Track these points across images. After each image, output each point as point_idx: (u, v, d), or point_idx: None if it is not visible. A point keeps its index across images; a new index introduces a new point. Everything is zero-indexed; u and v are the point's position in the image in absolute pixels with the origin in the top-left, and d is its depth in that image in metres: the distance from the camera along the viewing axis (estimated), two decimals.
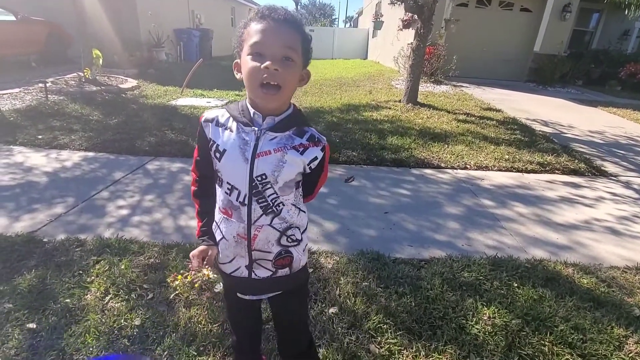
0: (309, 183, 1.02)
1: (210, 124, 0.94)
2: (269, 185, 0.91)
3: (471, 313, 1.74)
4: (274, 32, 0.81)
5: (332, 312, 1.70)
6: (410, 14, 8.34)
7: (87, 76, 5.89)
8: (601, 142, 5.15)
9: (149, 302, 1.68)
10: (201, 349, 1.47)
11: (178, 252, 2.04)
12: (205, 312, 1.64)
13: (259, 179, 0.90)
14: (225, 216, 0.97)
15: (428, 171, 3.61)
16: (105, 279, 1.80)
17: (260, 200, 0.93)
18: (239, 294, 1.07)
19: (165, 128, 4.21)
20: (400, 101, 6.53)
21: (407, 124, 5.10)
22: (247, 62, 0.83)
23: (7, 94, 5.16)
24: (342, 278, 1.93)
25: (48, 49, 7.64)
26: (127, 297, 1.70)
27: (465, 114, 5.95)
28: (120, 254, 1.99)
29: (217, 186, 0.99)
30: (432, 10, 5.99)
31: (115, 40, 7.67)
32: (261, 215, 0.94)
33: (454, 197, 3.08)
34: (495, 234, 2.54)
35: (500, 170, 3.77)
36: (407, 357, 1.50)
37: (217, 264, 1.04)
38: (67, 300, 1.66)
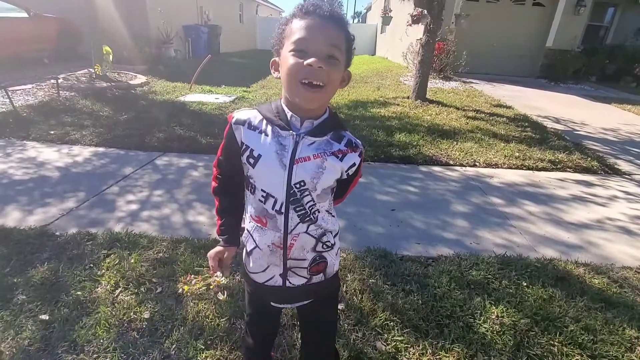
0: (341, 188, 0.99)
1: (241, 126, 0.88)
2: (307, 193, 0.87)
3: (479, 312, 1.73)
4: (319, 29, 0.77)
5: (339, 309, 1.70)
6: (419, 9, 8.23)
7: (97, 72, 5.96)
8: (615, 139, 5.04)
9: (158, 296, 1.71)
10: (209, 342, 1.48)
11: (186, 246, 2.06)
12: (213, 307, 1.65)
13: (298, 186, 0.85)
14: (258, 225, 0.92)
15: (436, 168, 3.57)
16: (115, 272, 1.83)
17: (297, 209, 0.88)
18: (272, 303, 1.03)
19: (173, 124, 4.24)
20: (408, 97, 6.47)
21: (415, 120, 5.05)
22: (287, 59, 0.78)
23: (20, 90, 5.26)
24: (349, 275, 1.93)
25: (59, 45, 7.74)
26: (136, 290, 1.73)
27: (474, 111, 5.87)
28: (130, 248, 2.02)
29: (247, 192, 0.93)
30: (442, 5, 5.90)
31: (125, 37, 7.74)
32: (298, 223, 0.90)
33: (463, 195, 3.05)
34: (505, 233, 2.50)
35: (510, 168, 3.71)
36: (413, 354, 1.50)
37: (247, 273, 1.00)
38: (79, 292, 1.69)
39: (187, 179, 2.99)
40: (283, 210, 0.88)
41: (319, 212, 0.92)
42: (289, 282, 0.97)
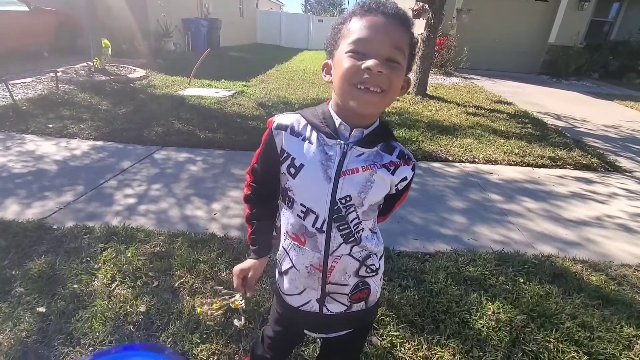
0: (387, 204, 0.89)
1: (283, 132, 0.79)
2: (352, 209, 0.78)
3: (475, 308, 1.73)
4: (382, 29, 0.68)
5: None
6: (421, 4, 8.15)
7: (96, 66, 5.93)
8: (616, 136, 5.01)
9: (154, 290, 1.71)
10: (204, 336, 1.49)
11: (183, 241, 2.06)
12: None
13: (343, 201, 0.77)
14: (296, 243, 0.83)
15: (435, 164, 3.56)
16: (112, 266, 1.83)
17: (341, 227, 0.79)
18: (306, 331, 0.94)
19: (172, 118, 4.22)
20: (408, 93, 6.43)
21: (415, 116, 5.03)
22: (343, 61, 0.69)
23: (19, 83, 5.23)
24: None
25: (59, 39, 7.70)
26: (133, 284, 1.73)
27: (475, 107, 5.84)
28: (127, 241, 2.02)
29: (284, 206, 0.85)
30: (444, 0, 5.85)
31: (124, 30, 7.69)
32: (341, 244, 0.81)
33: (462, 191, 3.04)
34: (503, 229, 2.50)
35: (509, 164, 3.70)
36: (409, 349, 1.50)
37: (280, 294, 0.91)
38: (75, 285, 1.69)
39: (186, 173, 2.98)
40: (325, 228, 0.79)
41: (363, 230, 0.83)
42: (327, 308, 0.87)
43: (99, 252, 1.93)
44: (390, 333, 1.57)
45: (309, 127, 0.79)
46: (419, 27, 8.00)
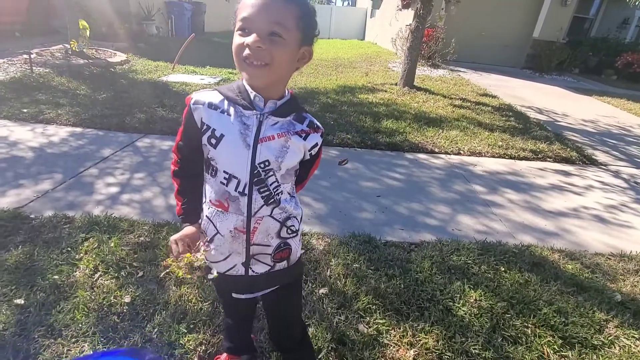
0: (303, 171, 0.98)
1: (201, 106, 0.86)
2: (271, 173, 0.86)
3: (458, 295, 1.78)
4: (263, 6, 0.74)
5: (322, 293, 1.72)
6: None
7: (73, 48, 5.65)
8: (594, 131, 5.19)
9: (139, 280, 1.68)
10: (191, 326, 1.48)
11: (169, 230, 2.02)
12: (196, 291, 1.64)
13: (262, 165, 0.85)
14: (219, 209, 0.90)
15: (422, 156, 3.60)
16: (94, 256, 1.78)
17: (262, 190, 0.87)
18: (234, 294, 1.02)
19: (155, 105, 4.09)
20: (396, 84, 6.44)
21: (402, 107, 5.05)
22: (235, 37, 0.78)
23: None
24: (333, 259, 1.95)
25: (31, 18, 7.28)
26: (116, 274, 1.69)
27: (461, 99, 5.91)
28: (110, 231, 1.97)
29: (207, 176, 0.91)
30: None
31: (103, 11, 7.33)
32: (262, 205, 0.88)
33: (447, 182, 3.09)
34: (485, 220, 2.57)
35: (493, 156, 3.78)
36: (394, 337, 1.54)
37: (208, 264, 0.97)
38: (56, 276, 1.64)
39: (170, 162, 2.91)
40: (247, 191, 0.86)
41: (282, 193, 0.91)
42: (252, 270, 0.95)
43: (80, 242, 1.88)
44: (377, 321, 1.60)
45: (225, 101, 0.85)
46: (408, 18, 7.97)
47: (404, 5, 9.76)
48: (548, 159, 3.86)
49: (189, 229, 0.93)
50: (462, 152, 3.78)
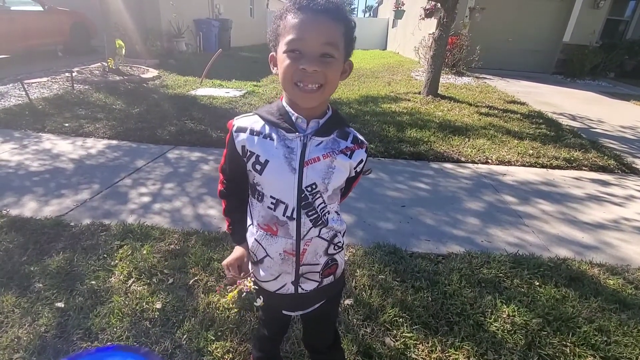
0: (346, 186, 0.96)
1: (242, 133, 0.84)
2: (318, 195, 0.85)
3: (490, 310, 1.71)
4: (312, 27, 0.72)
5: (348, 304, 1.70)
6: (433, 2, 8.08)
7: (110, 66, 6.03)
8: (633, 137, 4.89)
9: (169, 287, 1.73)
10: (219, 333, 1.50)
11: (197, 239, 2.08)
12: (224, 299, 1.67)
13: (309, 189, 0.83)
14: (268, 233, 0.89)
15: (448, 165, 3.53)
16: (128, 263, 1.86)
17: (310, 213, 0.86)
18: (284, 312, 1.02)
19: (185, 118, 4.27)
20: (419, 93, 6.38)
21: (426, 116, 4.99)
22: (283, 60, 0.75)
23: (35, 82, 5.35)
24: (358, 270, 1.93)
25: (73, 39, 7.84)
26: (148, 281, 1.76)
27: (487, 107, 5.77)
28: (142, 239, 2.05)
29: (254, 200, 0.90)
30: None
31: (137, 30, 7.79)
32: (310, 228, 0.88)
33: (474, 192, 3.00)
34: (517, 231, 2.46)
35: (523, 165, 3.64)
36: (422, 351, 1.49)
37: (257, 282, 0.98)
38: (93, 282, 1.72)
39: (198, 173, 3.01)
40: (295, 215, 0.85)
41: (329, 213, 0.90)
42: (301, 288, 0.95)
43: (116, 249, 1.97)
44: (404, 334, 1.56)
45: (267, 125, 0.84)
46: (431, 27, 7.93)
47: (426, 14, 9.72)
48: (584, 168, 3.67)
49: (238, 251, 0.94)
50: (490, 161, 3.67)
